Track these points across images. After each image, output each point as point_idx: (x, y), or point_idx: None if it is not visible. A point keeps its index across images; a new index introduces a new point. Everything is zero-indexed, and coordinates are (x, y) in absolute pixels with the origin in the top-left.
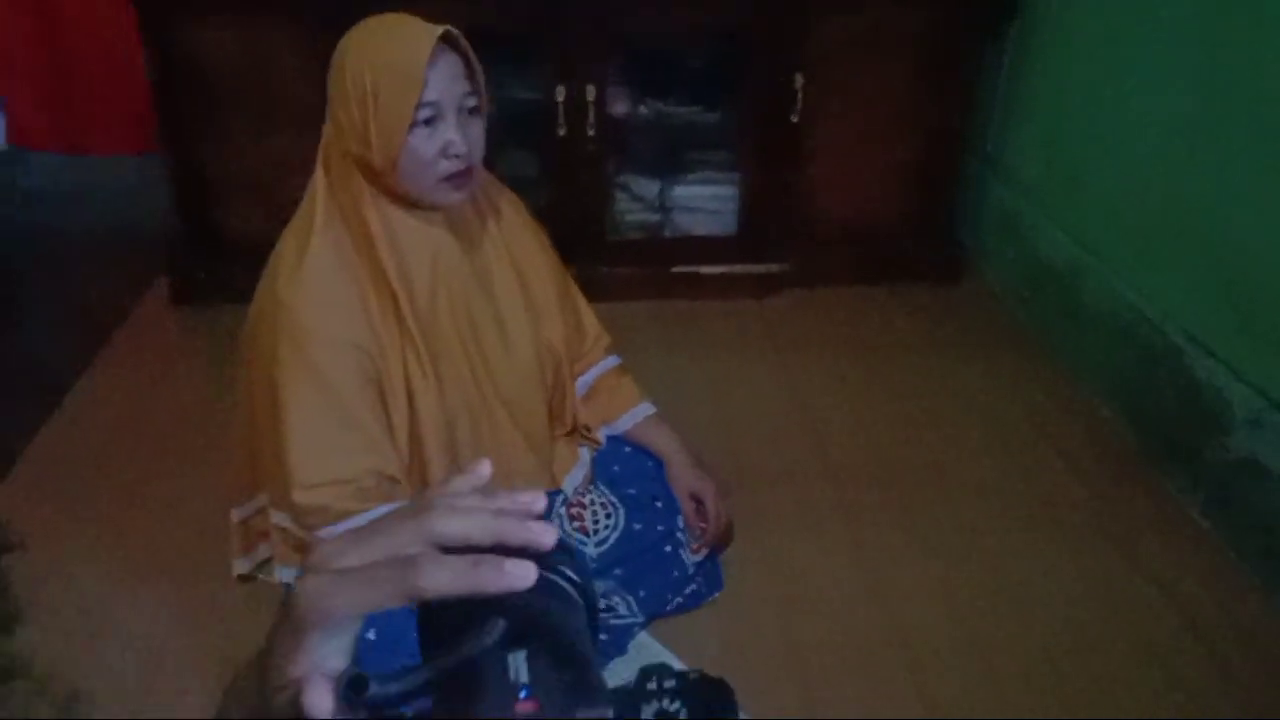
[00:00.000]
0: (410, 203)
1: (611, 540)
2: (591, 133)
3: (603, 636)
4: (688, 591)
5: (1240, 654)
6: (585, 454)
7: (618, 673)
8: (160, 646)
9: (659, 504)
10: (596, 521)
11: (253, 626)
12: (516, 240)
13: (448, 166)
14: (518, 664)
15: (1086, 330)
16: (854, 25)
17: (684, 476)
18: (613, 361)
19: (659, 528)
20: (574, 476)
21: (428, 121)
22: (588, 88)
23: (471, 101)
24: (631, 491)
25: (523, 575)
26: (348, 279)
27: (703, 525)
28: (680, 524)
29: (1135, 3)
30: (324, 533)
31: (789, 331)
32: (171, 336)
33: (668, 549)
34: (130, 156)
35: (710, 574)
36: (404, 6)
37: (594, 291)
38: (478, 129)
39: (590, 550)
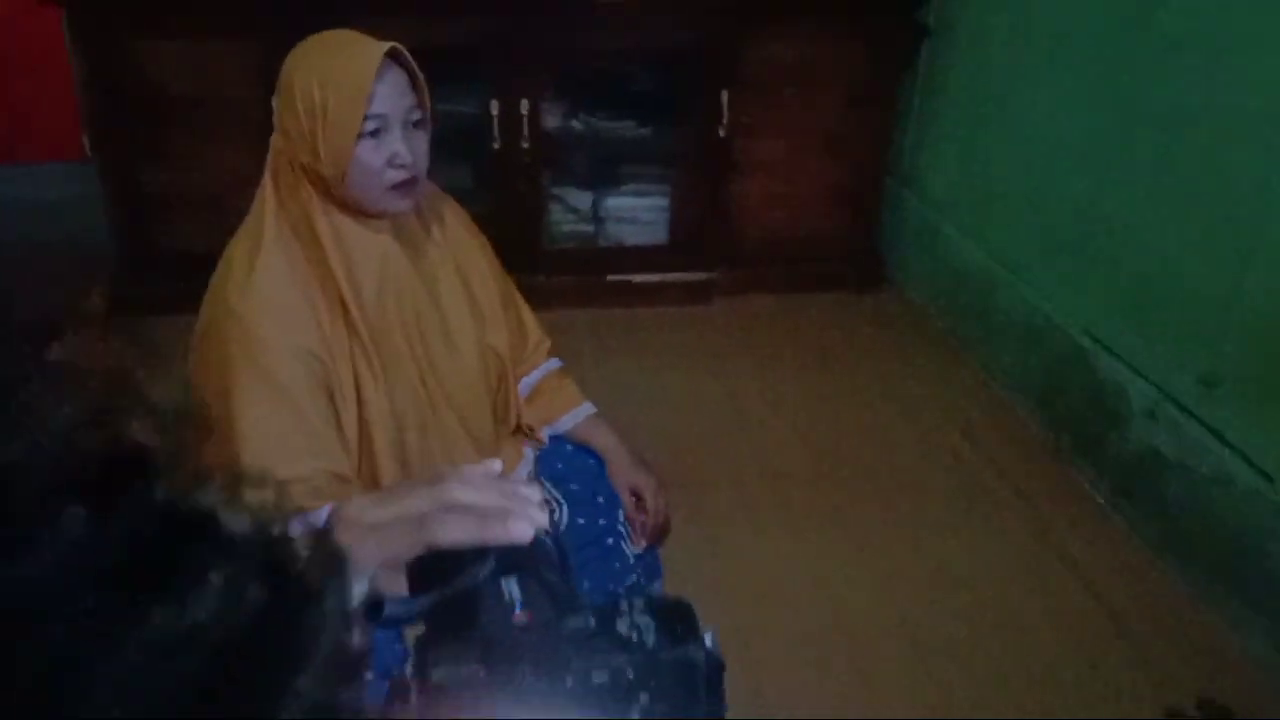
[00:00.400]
0: (358, 211)
1: (555, 535)
2: (526, 145)
3: None
4: (628, 583)
5: (1143, 626)
6: (529, 452)
7: None
8: None
9: (600, 500)
10: None
11: None
12: (460, 247)
13: (394, 176)
14: (510, 587)
15: (999, 334)
16: (780, 50)
17: (624, 472)
18: (554, 364)
19: (600, 522)
20: (519, 474)
21: (374, 133)
22: (522, 102)
23: (416, 115)
24: (574, 488)
25: (523, 530)
26: (298, 287)
27: (642, 519)
28: (621, 518)
29: (1040, 28)
30: None
31: (720, 337)
32: (110, 350)
33: (609, 541)
34: (62, 164)
35: (649, 565)
36: (347, 23)
37: (531, 300)
38: (422, 141)
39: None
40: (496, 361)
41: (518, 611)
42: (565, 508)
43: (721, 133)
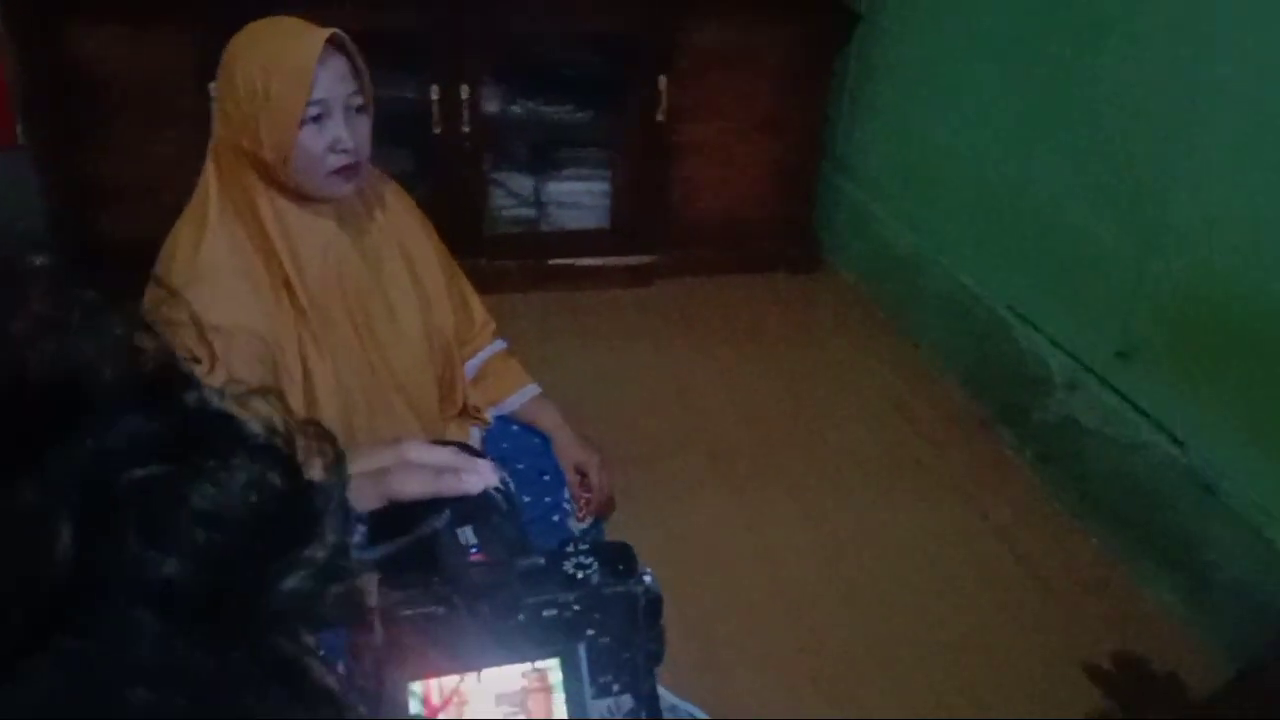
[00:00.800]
0: (301, 195)
1: None
2: (466, 130)
3: None
4: None
5: (1064, 584)
6: (476, 433)
7: None
8: None
9: (546, 478)
10: None
11: None
12: (404, 230)
13: (336, 161)
14: (466, 534)
15: (929, 311)
16: (715, 35)
17: (569, 450)
18: (499, 345)
19: (546, 499)
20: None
21: (316, 119)
22: (462, 87)
23: (358, 100)
24: (520, 466)
25: (475, 483)
26: (242, 270)
27: (587, 495)
28: (566, 495)
29: (966, 15)
30: None
31: (662, 319)
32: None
33: (555, 518)
34: None
35: (595, 540)
36: (285, 10)
37: (473, 284)
38: (364, 126)
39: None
40: (442, 342)
41: (473, 554)
42: (511, 486)
43: (660, 117)
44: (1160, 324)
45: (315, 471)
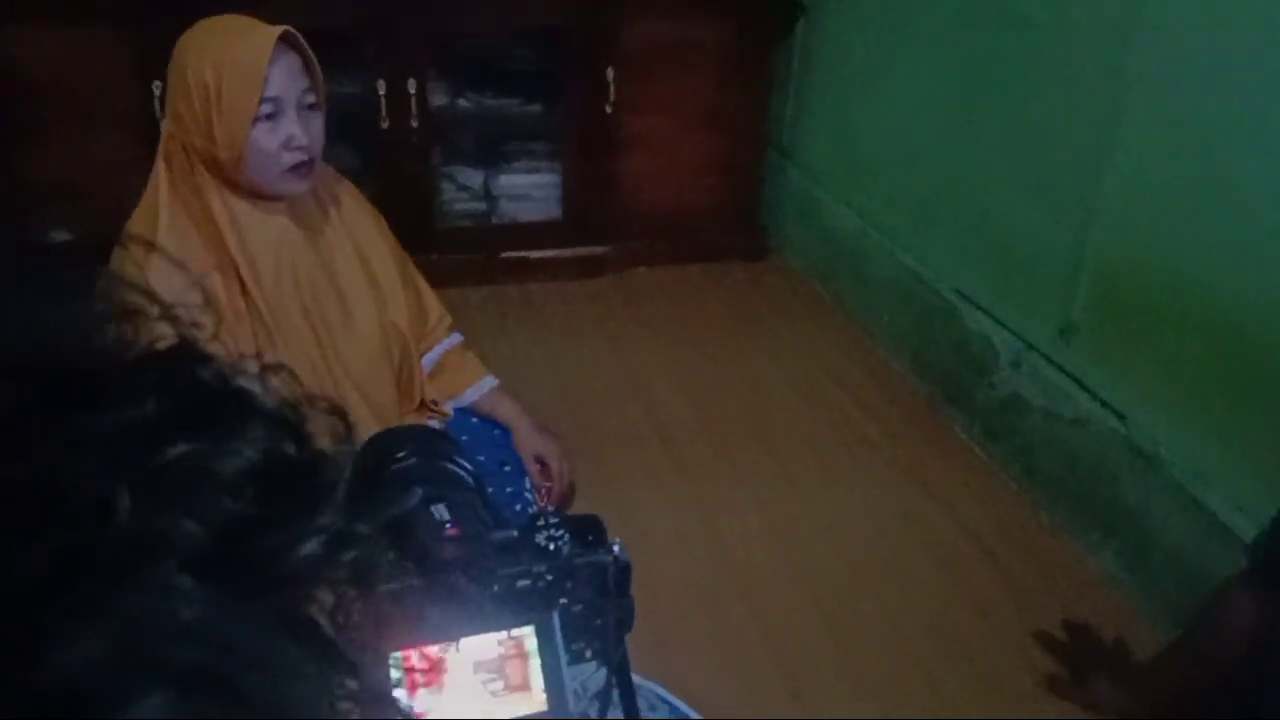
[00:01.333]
0: (254, 194)
1: None
2: (414, 124)
3: None
4: None
5: (1012, 557)
6: (435, 426)
7: None
8: None
9: (507, 469)
10: None
11: None
12: (357, 227)
13: (290, 158)
14: (440, 510)
15: (874, 295)
16: (660, 27)
17: (529, 441)
18: (456, 339)
19: (508, 490)
20: None
21: (270, 117)
22: (409, 81)
23: (310, 98)
24: (481, 458)
25: None
26: (194, 269)
27: (548, 484)
28: (528, 485)
29: (904, 6)
30: None
31: (614, 310)
32: None
33: (517, 508)
34: None
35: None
36: (224, 9)
37: (426, 278)
38: (318, 123)
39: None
40: (399, 337)
41: (448, 529)
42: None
43: (608, 109)
44: (1098, 302)
45: (325, 443)
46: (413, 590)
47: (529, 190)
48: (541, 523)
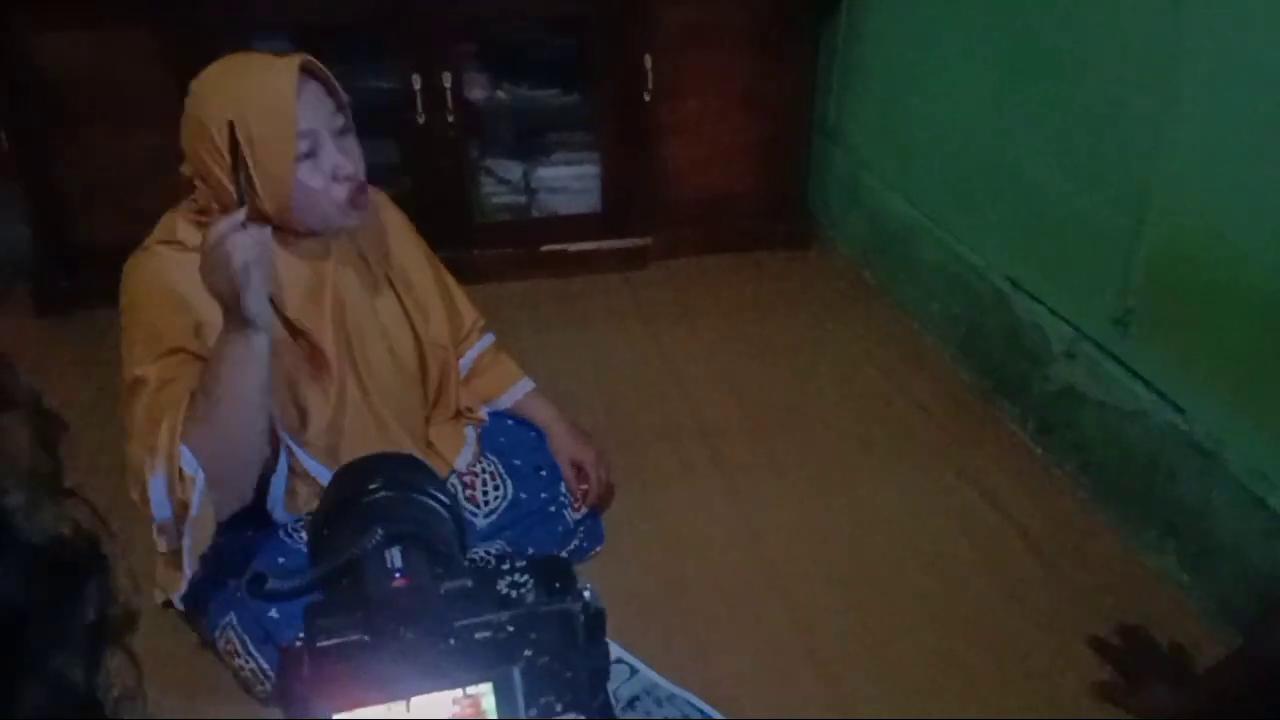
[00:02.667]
0: (304, 234)
1: (500, 509)
2: (451, 119)
3: None
4: (571, 547)
5: (1065, 557)
6: (471, 433)
7: None
8: None
9: (543, 472)
10: (486, 493)
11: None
12: (394, 240)
13: (341, 190)
14: (393, 555)
15: (923, 283)
16: (698, 10)
17: (565, 445)
18: (489, 340)
19: (542, 495)
20: (463, 456)
21: (309, 155)
22: (444, 74)
23: (340, 121)
24: (516, 462)
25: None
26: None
27: (584, 488)
28: (563, 489)
29: None
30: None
31: (656, 302)
32: (38, 348)
33: (551, 510)
34: None
35: (592, 529)
36: (254, 9)
37: (464, 275)
38: (353, 143)
39: (480, 522)
40: (441, 354)
41: (397, 577)
42: (509, 483)
43: (646, 97)
44: (1156, 289)
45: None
46: (358, 646)
47: (568, 182)
48: (506, 567)
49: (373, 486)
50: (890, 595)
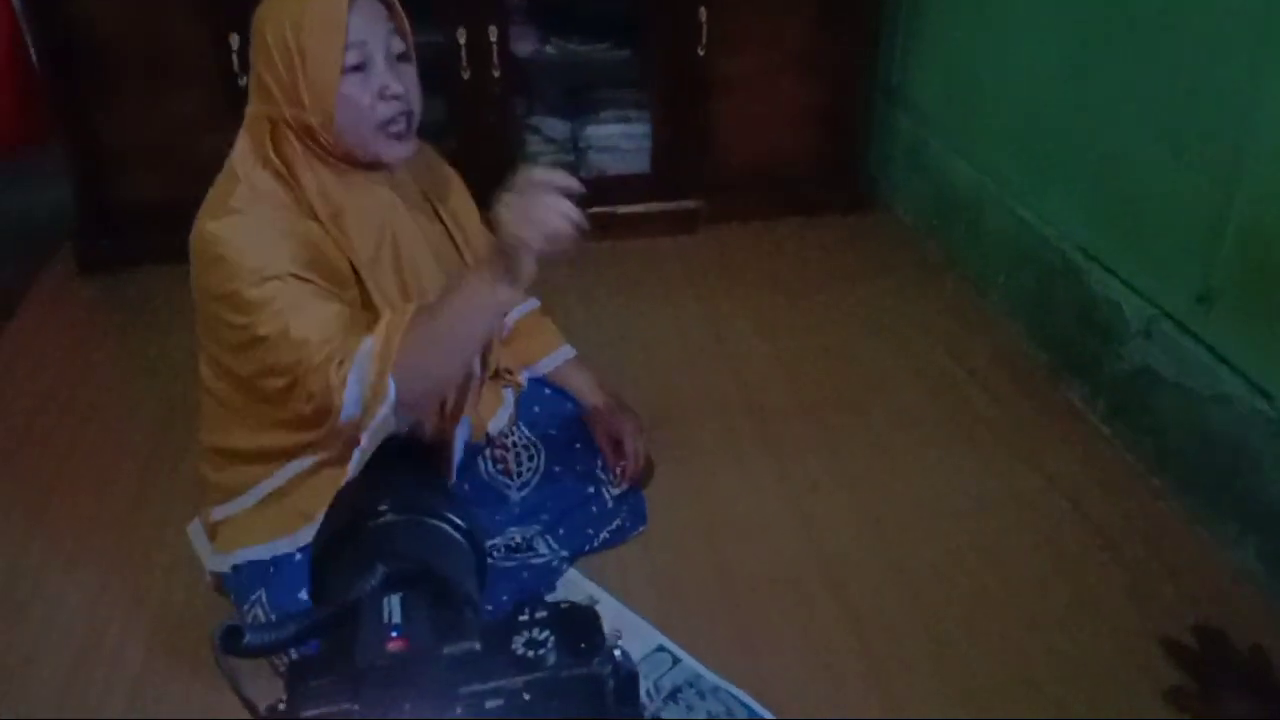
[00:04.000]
0: (353, 162)
1: (534, 482)
2: (497, 74)
3: (523, 574)
4: (613, 527)
5: (1137, 550)
6: (509, 395)
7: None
8: (89, 628)
9: (578, 445)
10: (520, 464)
11: (182, 600)
12: (450, 193)
13: (385, 110)
14: (392, 607)
15: (990, 253)
16: None
17: (602, 418)
18: (533, 304)
19: (578, 468)
20: (499, 419)
21: (358, 67)
22: (490, 28)
23: (399, 46)
24: (552, 432)
25: None
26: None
27: (622, 463)
28: (600, 463)
29: None
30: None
31: (706, 268)
32: (80, 308)
33: (590, 490)
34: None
35: (634, 509)
36: None
37: None
38: (411, 74)
39: (514, 495)
40: None
41: (393, 637)
42: (543, 454)
43: (700, 52)
44: (1244, 265)
45: None
46: (349, 716)
47: (618, 141)
48: (524, 618)
49: (381, 508)
50: (949, 589)
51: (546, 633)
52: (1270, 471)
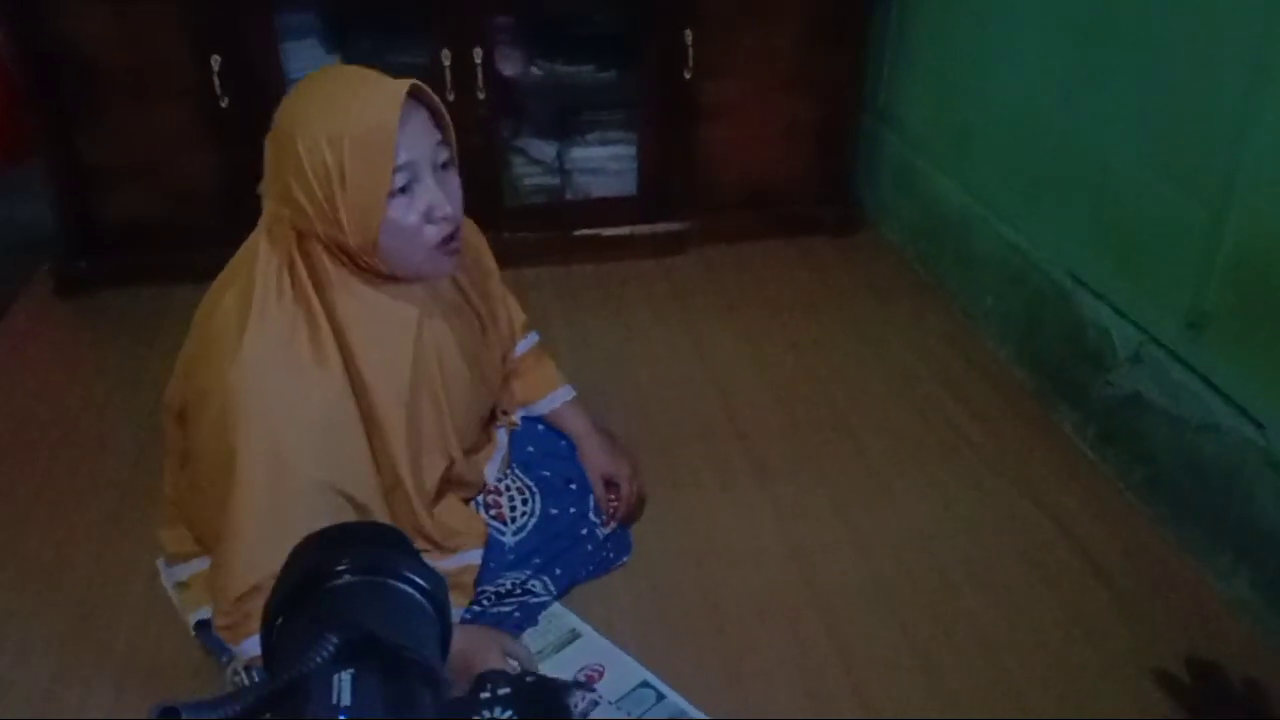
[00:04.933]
0: (389, 278)
1: (529, 526)
2: (482, 96)
3: (515, 614)
4: (598, 560)
5: (1128, 579)
6: (502, 436)
7: (529, 643)
8: (63, 650)
9: (573, 486)
10: (514, 509)
11: (157, 625)
12: (477, 270)
13: (435, 232)
14: (342, 685)
15: (979, 276)
16: None
17: (598, 460)
18: (533, 339)
19: (571, 510)
20: (494, 463)
21: (404, 189)
22: (475, 50)
23: (444, 154)
24: (546, 474)
25: None
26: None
27: (614, 503)
28: (592, 504)
29: None
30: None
31: (693, 291)
32: (59, 329)
33: (583, 531)
34: None
35: (619, 539)
36: None
37: (496, 258)
38: (455, 183)
39: (508, 539)
40: (502, 373)
41: None
42: (537, 496)
43: (687, 75)
44: (1237, 290)
45: None
46: None
47: (604, 163)
48: (486, 694)
49: (339, 569)
50: (941, 620)
51: (509, 713)
52: (1263, 501)
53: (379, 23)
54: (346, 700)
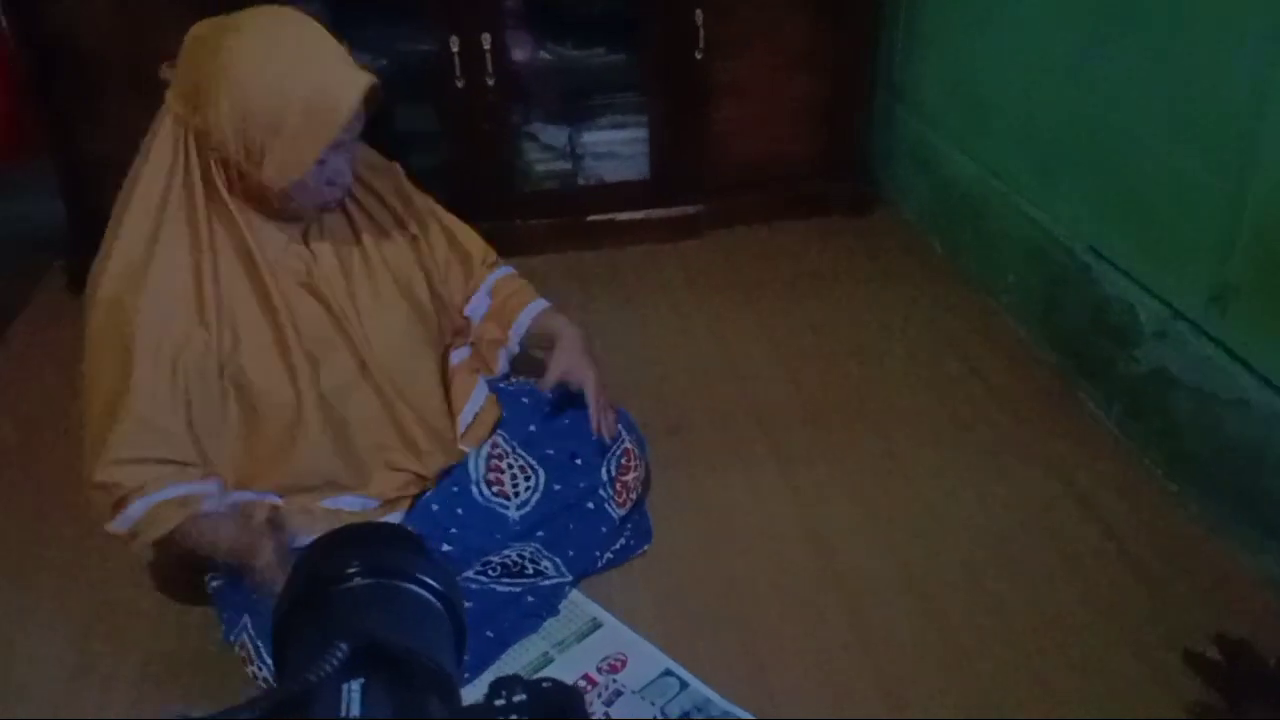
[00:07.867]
0: (271, 211)
1: (533, 502)
2: (491, 82)
3: (530, 599)
4: (617, 546)
5: (1155, 557)
6: (482, 388)
7: (551, 633)
8: (83, 649)
9: (578, 461)
10: (516, 484)
11: (177, 625)
12: (371, 202)
13: (331, 194)
14: (351, 695)
15: (998, 253)
16: None
17: (564, 358)
18: (505, 270)
19: (580, 485)
20: (470, 408)
21: (322, 160)
22: (483, 36)
23: (358, 129)
24: (550, 451)
25: None
26: (193, 276)
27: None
28: (603, 478)
29: None
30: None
31: (708, 273)
32: (72, 324)
33: (590, 505)
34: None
35: (639, 526)
36: None
37: (508, 246)
38: (356, 150)
39: (513, 514)
40: (433, 312)
41: None
42: (541, 474)
43: (698, 55)
44: (1260, 263)
45: None
46: None
47: (616, 147)
48: (500, 701)
49: (350, 571)
50: (964, 603)
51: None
52: None
53: (387, 10)
54: (356, 711)
